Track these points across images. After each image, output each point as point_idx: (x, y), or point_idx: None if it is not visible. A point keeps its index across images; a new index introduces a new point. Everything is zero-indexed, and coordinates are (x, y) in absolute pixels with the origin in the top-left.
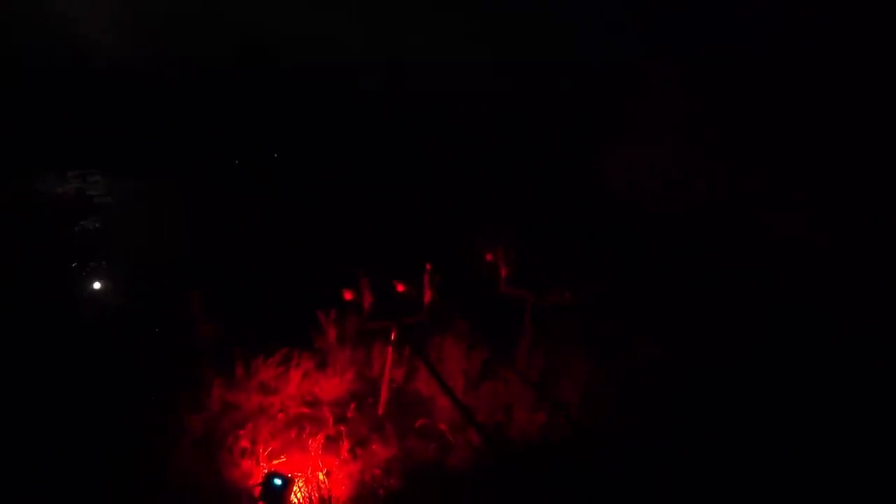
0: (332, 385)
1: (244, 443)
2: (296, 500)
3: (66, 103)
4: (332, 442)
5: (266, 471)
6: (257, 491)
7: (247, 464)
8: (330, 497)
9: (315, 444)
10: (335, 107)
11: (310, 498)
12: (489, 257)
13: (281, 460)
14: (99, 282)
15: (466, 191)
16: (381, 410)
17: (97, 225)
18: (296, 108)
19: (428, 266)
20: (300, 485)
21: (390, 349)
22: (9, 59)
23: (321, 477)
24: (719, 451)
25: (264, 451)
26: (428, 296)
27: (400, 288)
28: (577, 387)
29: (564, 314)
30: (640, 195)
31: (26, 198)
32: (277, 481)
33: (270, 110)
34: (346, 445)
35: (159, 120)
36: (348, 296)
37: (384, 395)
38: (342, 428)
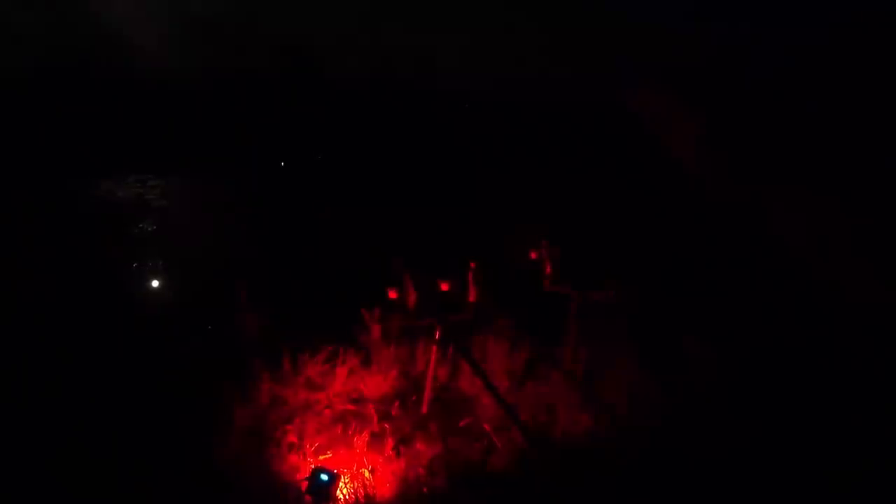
0: (377, 382)
1: (291, 437)
2: (341, 496)
3: (124, 112)
4: (376, 439)
5: (313, 466)
6: (304, 485)
7: (294, 458)
8: (374, 494)
9: (360, 440)
10: (376, 107)
11: (355, 494)
12: (533, 255)
13: (327, 456)
14: (156, 280)
15: (510, 189)
16: (424, 409)
17: (154, 227)
18: (338, 110)
19: (472, 264)
20: (345, 481)
21: (434, 347)
22: (68, 69)
23: (366, 474)
24: (772, 456)
25: (311, 446)
26: (472, 294)
27: (444, 286)
28: (624, 387)
29: (610, 312)
30: (687, 193)
31: (90, 202)
32: (324, 476)
33: (316, 113)
34: (390, 443)
35: (211, 126)
36: (393, 294)
37: (428, 393)
38: (386, 425)
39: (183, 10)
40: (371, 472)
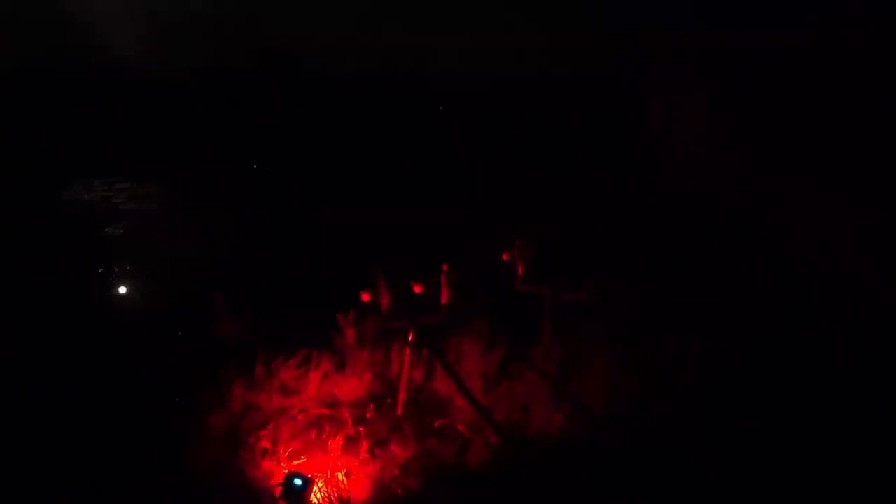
0: (352, 386)
1: (265, 443)
2: (315, 501)
3: (91, 112)
4: (351, 443)
5: (286, 471)
6: (278, 491)
7: (268, 464)
8: (349, 498)
9: (335, 444)
10: (352, 108)
11: (329, 498)
12: (506, 256)
13: (301, 461)
14: (124, 286)
15: (482, 189)
16: (399, 411)
17: (122, 231)
18: (314, 110)
19: (445, 266)
20: (320, 485)
21: (408, 350)
22: (35, 70)
23: (340, 477)
24: (746, 450)
25: (285, 451)
26: (445, 296)
27: (417, 289)
28: (598, 385)
29: (584, 311)
30: (660, 189)
31: (54, 206)
32: (297, 482)
33: (289, 113)
34: (365, 446)
35: (181, 126)
36: (366, 297)
37: (402, 395)
38: (361, 429)
39: (163, 9)
40: (346, 475)
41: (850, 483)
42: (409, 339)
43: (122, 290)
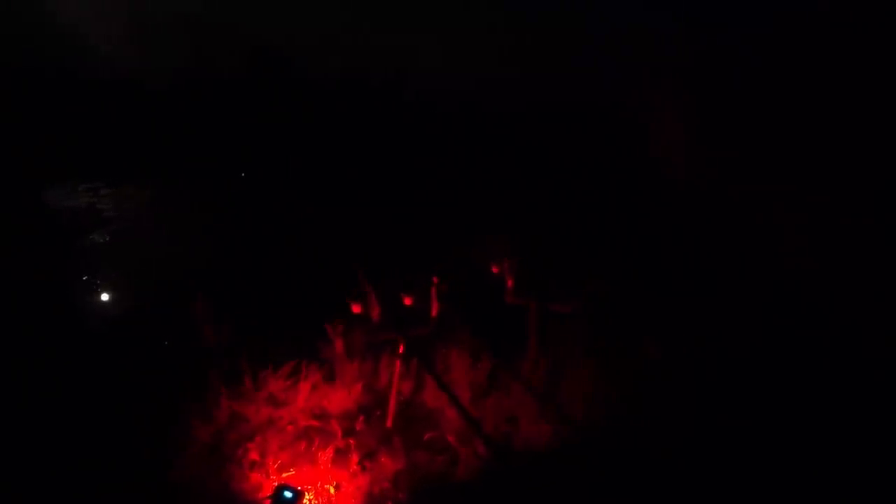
0: (341, 397)
1: (253, 455)
2: None
3: (75, 116)
4: (341, 455)
5: (276, 483)
6: (267, 503)
7: (256, 476)
8: None
9: (324, 456)
10: (340, 116)
11: None
12: (495, 269)
13: (290, 473)
14: (108, 294)
15: (471, 200)
16: (389, 423)
17: (106, 238)
18: (302, 116)
19: (434, 279)
20: (310, 498)
21: (398, 362)
22: (19, 72)
23: (330, 490)
24: (728, 455)
25: (273, 463)
26: (435, 308)
27: (407, 301)
28: (585, 395)
29: (570, 321)
30: (642, 196)
31: (37, 212)
32: (288, 494)
33: (277, 118)
34: (355, 458)
35: (167, 131)
36: (356, 309)
37: (392, 407)
38: (351, 441)
39: (147, 11)
40: (336, 488)
41: (837, 487)
42: (399, 350)
43: (107, 297)
